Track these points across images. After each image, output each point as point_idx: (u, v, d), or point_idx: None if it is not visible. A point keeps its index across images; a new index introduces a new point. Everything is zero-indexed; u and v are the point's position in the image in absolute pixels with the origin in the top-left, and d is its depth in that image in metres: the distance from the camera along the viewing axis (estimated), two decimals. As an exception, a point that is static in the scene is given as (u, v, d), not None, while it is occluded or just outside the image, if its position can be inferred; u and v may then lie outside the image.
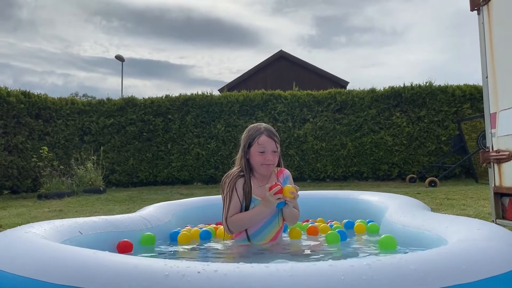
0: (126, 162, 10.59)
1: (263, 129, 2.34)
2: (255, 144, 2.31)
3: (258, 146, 2.31)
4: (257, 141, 2.31)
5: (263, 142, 2.31)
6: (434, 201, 5.39)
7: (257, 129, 2.35)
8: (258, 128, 2.36)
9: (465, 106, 10.08)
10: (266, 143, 2.31)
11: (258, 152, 2.31)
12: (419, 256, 1.12)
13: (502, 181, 3.28)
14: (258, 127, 2.37)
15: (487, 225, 1.59)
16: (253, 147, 2.32)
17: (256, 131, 2.35)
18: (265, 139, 2.31)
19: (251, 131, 2.37)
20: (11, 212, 5.82)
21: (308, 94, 10.63)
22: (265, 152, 2.31)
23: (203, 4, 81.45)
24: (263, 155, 2.31)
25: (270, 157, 2.32)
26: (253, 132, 2.35)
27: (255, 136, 2.33)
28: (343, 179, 10.34)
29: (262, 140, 2.31)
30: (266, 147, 2.31)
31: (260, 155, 2.31)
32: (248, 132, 2.39)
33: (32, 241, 1.37)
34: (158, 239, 2.42)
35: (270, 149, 2.32)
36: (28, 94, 9.67)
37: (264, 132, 2.33)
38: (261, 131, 2.33)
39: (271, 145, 2.32)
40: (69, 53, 75.59)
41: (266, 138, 2.31)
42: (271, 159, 2.32)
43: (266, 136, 2.32)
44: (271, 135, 2.33)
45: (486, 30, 3.44)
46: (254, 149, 2.32)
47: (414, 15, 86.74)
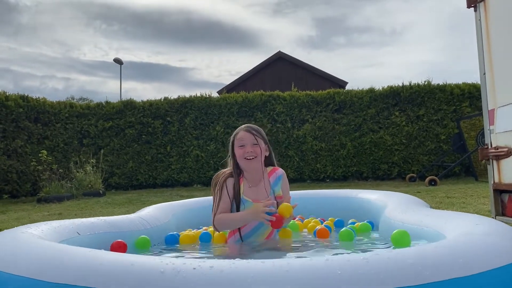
0: (126, 165, 10.58)
1: (243, 126, 2.45)
2: (236, 140, 2.41)
3: (237, 141, 2.39)
4: (236, 137, 2.41)
5: (241, 136, 2.39)
6: (434, 200, 5.39)
7: (239, 128, 2.47)
8: (240, 127, 2.48)
9: (464, 105, 10.08)
10: (244, 137, 2.39)
11: (238, 147, 2.38)
12: (416, 250, 1.11)
13: (501, 177, 3.27)
14: (240, 127, 2.48)
15: (486, 220, 1.58)
16: (235, 145, 2.41)
17: (238, 130, 2.46)
18: (242, 133, 2.40)
19: (234, 133, 2.48)
20: (11, 216, 5.82)
21: (307, 94, 10.63)
22: (244, 146, 2.37)
23: (203, 7, 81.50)
24: (243, 148, 2.37)
25: (249, 149, 2.36)
26: (235, 133, 2.46)
27: (235, 133, 2.44)
28: (343, 179, 10.33)
29: (240, 135, 2.40)
30: (245, 140, 2.38)
31: (240, 149, 2.38)
32: (232, 135, 2.48)
33: (28, 241, 1.37)
34: (156, 241, 2.41)
35: (249, 142, 2.38)
36: (27, 98, 9.66)
37: (243, 128, 2.43)
38: (241, 128, 2.44)
39: (249, 138, 2.38)
40: (69, 57, 75.64)
41: (243, 132, 2.40)
42: (250, 151, 2.36)
43: (244, 131, 2.41)
44: (249, 129, 2.42)
45: (483, 27, 3.44)
46: (235, 146, 2.41)
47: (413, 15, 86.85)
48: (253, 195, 2.37)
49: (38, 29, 78.60)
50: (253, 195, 2.37)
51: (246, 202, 2.34)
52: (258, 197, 2.37)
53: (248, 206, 2.33)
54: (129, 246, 2.11)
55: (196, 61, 79.32)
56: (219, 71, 75.32)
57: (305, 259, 1.05)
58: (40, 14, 77.46)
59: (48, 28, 78.76)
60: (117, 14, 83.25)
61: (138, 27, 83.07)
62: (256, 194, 2.38)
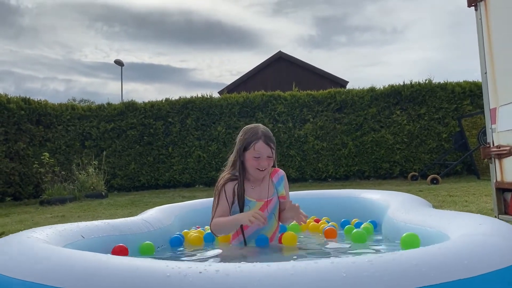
0: (128, 166, 10.60)
1: (260, 134, 2.30)
2: (251, 149, 2.28)
3: (254, 152, 2.28)
4: (253, 146, 2.27)
5: (259, 149, 2.27)
6: (437, 199, 5.38)
7: (254, 133, 2.31)
8: (255, 131, 2.31)
9: (465, 103, 10.07)
10: (263, 149, 2.28)
11: (253, 157, 2.29)
12: (421, 251, 1.12)
13: (504, 176, 3.27)
14: (255, 131, 2.32)
15: (489, 220, 1.59)
16: (248, 151, 2.30)
17: (253, 135, 2.30)
18: (261, 145, 2.27)
19: (248, 134, 2.32)
20: (14, 218, 5.83)
21: (308, 94, 10.63)
22: (260, 158, 2.28)
23: (204, 7, 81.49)
24: (258, 160, 2.28)
25: (264, 163, 2.29)
26: (249, 136, 2.31)
27: (251, 140, 2.29)
28: (345, 179, 10.33)
29: (258, 146, 2.27)
30: (262, 153, 2.28)
31: (255, 160, 2.29)
32: (245, 135, 2.34)
33: (34, 246, 1.38)
34: (160, 243, 2.42)
35: (265, 155, 2.29)
36: (28, 101, 9.68)
37: (262, 137, 2.28)
38: (259, 136, 2.28)
39: (267, 151, 2.29)
40: (70, 59, 75.79)
41: (263, 144, 2.28)
42: (265, 165, 2.30)
43: (263, 142, 2.28)
44: (268, 141, 2.29)
45: (484, 25, 3.44)
46: (249, 153, 2.29)
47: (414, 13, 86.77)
48: (256, 195, 2.36)
49: (39, 31, 78.81)
50: (256, 195, 2.36)
51: (250, 202, 2.33)
52: (261, 197, 2.37)
53: (253, 206, 2.33)
54: (134, 249, 2.12)
55: (197, 62, 79.43)
56: (220, 71, 75.40)
57: (310, 262, 1.06)
58: (41, 16, 77.69)
59: (49, 30, 78.99)
60: (118, 16, 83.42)
61: (139, 28, 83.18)
62: (259, 194, 2.37)
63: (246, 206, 2.32)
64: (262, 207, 2.36)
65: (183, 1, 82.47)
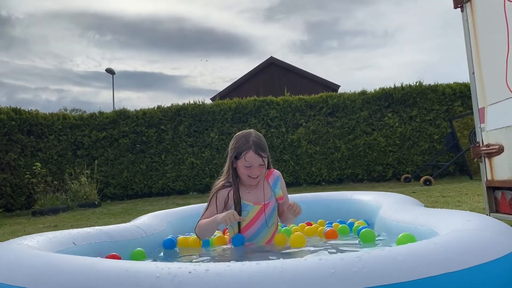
0: (120, 175, 10.55)
1: (251, 143, 2.28)
2: (242, 159, 2.28)
3: (245, 162, 2.28)
4: (244, 156, 2.27)
5: (250, 159, 2.27)
6: (430, 199, 5.41)
7: (245, 142, 2.29)
8: (246, 140, 2.30)
9: (456, 104, 10.17)
10: (253, 160, 2.27)
11: (244, 166, 2.30)
12: (408, 247, 1.13)
13: (494, 175, 3.30)
14: (246, 139, 2.30)
15: (478, 216, 1.60)
16: (239, 161, 2.30)
17: (244, 144, 2.29)
18: (252, 155, 2.27)
19: (239, 143, 2.32)
20: (6, 230, 5.78)
21: (300, 99, 10.67)
22: (251, 167, 2.29)
23: (196, 14, 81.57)
24: (249, 169, 2.29)
25: (256, 172, 2.30)
26: (240, 145, 2.30)
27: (242, 150, 2.28)
28: (339, 182, 10.36)
29: (249, 156, 2.27)
30: (253, 163, 2.28)
31: (246, 169, 2.30)
32: (236, 143, 2.33)
33: (24, 252, 1.37)
34: (153, 249, 2.42)
35: (256, 164, 2.29)
36: (19, 111, 9.63)
37: (252, 147, 2.27)
38: (249, 146, 2.27)
39: (257, 160, 2.29)
40: (62, 68, 75.47)
41: (253, 154, 2.27)
42: (257, 173, 2.31)
43: (253, 152, 2.27)
44: (258, 151, 2.28)
45: (470, 26, 3.49)
46: (240, 162, 2.30)
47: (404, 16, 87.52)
48: (253, 199, 2.36)
49: (30, 41, 78.42)
50: (253, 199, 2.36)
51: (247, 206, 2.33)
52: (258, 200, 2.37)
53: (251, 209, 2.33)
54: (126, 256, 2.11)
55: (190, 69, 79.42)
56: (213, 78, 75.48)
57: (299, 259, 1.06)
58: (32, 27, 77.34)
59: (40, 40, 78.62)
60: (109, 24, 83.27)
61: (131, 37, 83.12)
62: (256, 197, 2.37)
63: (244, 210, 2.33)
64: (260, 210, 2.36)
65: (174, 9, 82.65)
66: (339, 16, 77.94)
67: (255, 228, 2.35)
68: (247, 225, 2.35)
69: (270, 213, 2.39)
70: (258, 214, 2.35)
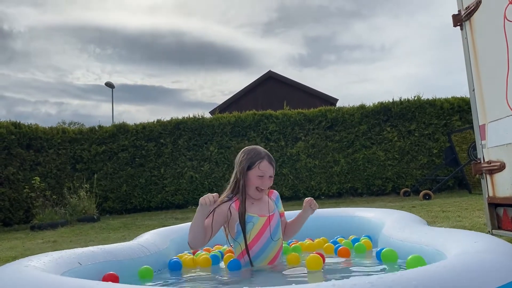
0: (119, 189, 10.52)
1: (263, 154, 2.39)
2: (256, 168, 2.35)
3: (259, 171, 2.35)
4: (258, 165, 2.35)
5: (264, 167, 2.36)
6: (430, 214, 5.41)
7: (257, 153, 2.39)
8: (259, 151, 2.40)
9: (454, 118, 10.22)
10: (267, 168, 2.36)
11: (257, 176, 2.35)
12: (419, 272, 1.13)
13: (495, 191, 3.31)
14: (258, 151, 2.40)
15: (484, 237, 1.61)
16: (252, 171, 2.36)
17: (257, 154, 2.38)
18: (266, 164, 2.36)
19: (251, 154, 2.39)
20: (4, 245, 5.74)
21: (299, 112, 10.72)
22: (263, 177, 2.36)
23: (195, 28, 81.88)
24: (262, 179, 2.36)
25: (267, 182, 2.38)
26: (253, 155, 2.38)
27: (256, 160, 2.36)
28: (338, 196, 10.35)
29: (263, 165, 2.36)
30: (266, 172, 2.36)
31: (258, 179, 2.35)
32: (248, 155, 2.40)
33: (33, 275, 1.37)
34: (156, 267, 2.40)
35: (268, 174, 2.37)
36: (19, 125, 9.63)
37: (265, 157, 2.38)
38: (262, 156, 2.37)
39: (270, 170, 2.38)
40: (62, 82, 75.42)
41: (267, 163, 2.37)
42: (267, 184, 2.39)
43: (267, 161, 2.37)
44: (271, 161, 2.39)
45: (470, 44, 3.53)
46: (253, 172, 2.35)
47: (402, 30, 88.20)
48: (257, 211, 2.38)
49: (31, 55, 78.43)
50: (257, 211, 2.38)
51: (252, 218, 2.35)
52: (263, 212, 2.39)
53: (256, 221, 2.34)
54: (131, 275, 2.11)
55: (190, 82, 79.52)
56: (212, 91, 75.64)
57: (312, 285, 1.06)
58: (33, 40, 77.52)
59: (41, 53, 78.65)
60: (110, 38, 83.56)
61: (131, 50, 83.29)
62: (260, 210, 2.40)
63: (249, 222, 2.34)
64: (265, 223, 2.37)
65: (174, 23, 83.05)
66: (337, 30, 78.57)
67: (262, 243, 2.34)
68: (253, 239, 2.33)
69: (275, 226, 2.40)
70: (263, 227, 2.35)
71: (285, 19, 77.40)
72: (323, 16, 75.55)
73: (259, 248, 2.34)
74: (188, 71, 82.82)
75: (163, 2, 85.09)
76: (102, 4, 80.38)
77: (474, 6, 3.37)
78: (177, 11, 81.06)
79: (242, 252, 2.35)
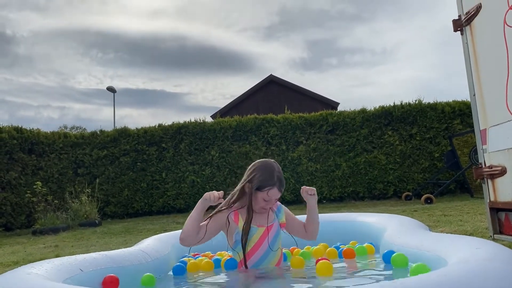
0: (121, 193, 10.53)
1: (275, 179, 2.33)
2: (264, 193, 2.33)
3: (266, 196, 2.34)
4: (267, 191, 2.33)
5: (272, 195, 2.35)
6: (431, 218, 5.40)
7: (270, 177, 2.33)
8: (271, 175, 2.34)
9: (456, 122, 10.22)
10: (275, 196, 2.36)
11: (263, 199, 2.35)
12: (419, 280, 1.13)
13: (497, 196, 3.31)
14: (271, 174, 2.34)
15: (485, 243, 1.61)
16: (261, 193, 2.34)
17: (269, 179, 2.32)
18: (275, 192, 2.35)
19: (263, 176, 2.34)
20: (6, 250, 5.74)
21: (300, 116, 10.73)
22: (269, 201, 2.38)
23: (197, 32, 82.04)
24: (267, 202, 2.38)
25: (271, 204, 2.42)
26: (265, 179, 2.33)
27: (267, 185, 2.32)
28: (340, 200, 10.34)
29: (272, 192, 2.34)
30: (273, 198, 2.37)
31: (264, 201, 2.36)
32: (261, 176, 2.34)
33: (35, 283, 1.37)
34: (158, 273, 2.40)
35: (274, 199, 2.39)
36: (21, 130, 9.66)
37: (277, 184, 2.33)
38: (274, 182, 2.32)
39: (277, 196, 2.38)
40: (64, 86, 75.61)
41: (276, 192, 2.35)
42: (271, 205, 2.43)
43: (277, 189, 2.35)
44: (281, 187, 2.36)
45: (470, 49, 3.54)
46: (261, 195, 2.34)
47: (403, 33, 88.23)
48: (256, 221, 2.39)
49: (34, 59, 78.63)
50: (256, 221, 2.39)
51: (251, 228, 2.36)
52: (261, 223, 2.40)
53: (255, 231, 2.36)
54: (132, 281, 2.11)
55: (191, 86, 79.69)
56: (214, 95, 75.80)
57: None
58: (36, 45, 77.75)
59: (44, 58, 78.89)
60: (112, 42, 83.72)
61: (133, 54, 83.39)
62: (259, 220, 2.41)
63: (254, 233, 2.37)
64: (264, 233, 2.37)
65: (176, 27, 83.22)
66: (339, 34, 78.68)
67: (261, 253, 2.35)
68: (251, 249, 2.35)
69: (273, 236, 2.41)
70: (262, 237, 2.36)
71: (286, 23, 77.67)
72: (324, 20, 75.71)
73: (258, 258, 2.34)
74: (189, 74, 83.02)
75: (165, 6, 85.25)
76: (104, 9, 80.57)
77: (474, 11, 3.38)
78: (179, 16, 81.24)
79: (240, 262, 2.37)
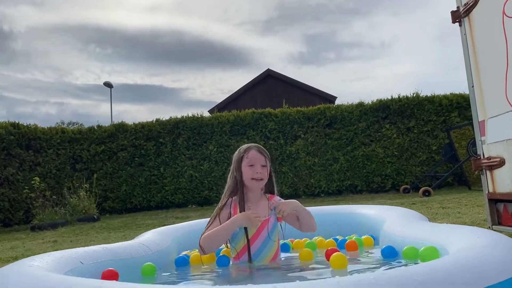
0: (119, 189, 10.52)
1: (253, 146, 2.47)
2: (245, 158, 2.41)
3: (248, 160, 2.39)
4: (246, 155, 2.41)
5: (253, 156, 2.40)
6: (430, 211, 5.42)
7: (247, 146, 2.48)
8: (248, 146, 2.49)
9: (453, 115, 10.23)
10: (256, 156, 2.41)
11: (248, 166, 2.39)
12: (423, 267, 1.13)
13: (496, 187, 3.32)
14: (248, 145, 2.49)
15: (486, 232, 1.61)
16: (243, 162, 2.41)
17: (246, 147, 2.47)
18: (254, 153, 2.42)
19: (241, 150, 2.49)
20: (5, 245, 5.74)
21: (298, 111, 10.72)
22: (254, 166, 2.38)
23: (195, 27, 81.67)
24: (253, 168, 2.38)
25: (259, 170, 2.39)
26: (243, 150, 2.46)
27: (244, 151, 2.44)
28: (338, 194, 10.36)
29: (251, 154, 2.41)
30: (255, 160, 2.39)
31: (249, 168, 2.38)
32: (238, 151, 2.50)
33: (37, 275, 1.37)
34: (159, 266, 2.40)
35: (259, 163, 2.40)
36: (18, 125, 9.62)
37: (254, 147, 2.45)
38: (251, 147, 2.45)
39: (260, 159, 2.41)
40: (62, 82, 75.29)
41: (255, 152, 2.42)
42: (260, 173, 2.39)
43: (255, 150, 2.43)
44: (260, 150, 2.45)
45: (468, 41, 3.53)
46: (244, 163, 2.40)
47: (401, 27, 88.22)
48: (256, 211, 2.39)
49: (31, 55, 78.26)
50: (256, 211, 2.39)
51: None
52: (259, 215, 2.39)
53: (249, 227, 2.35)
54: (133, 273, 2.11)
55: (189, 81, 79.48)
56: (212, 89, 75.66)
57: (317, 281, 1.07)
58: (33, 40, 77.31)
59: (41, 53, 78.49)
60: (110, 38, 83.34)
61: (131, 50, 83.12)
62: (258, 211, 2.40)
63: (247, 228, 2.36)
64: (263, 223, 2.38)
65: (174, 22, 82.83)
66: (337, 28, 78.57)
67: (260, 242, 2.35)
68: (251, 239, 2.35)
69: (272, 227, 2.41)
70: (260, 227, 2.37)
71: (284, 17, 77.47)
72: (322, 14, 75.64)
73: (258, 247, 2.35)
74: (187, 69, 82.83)
75: (163, 1, 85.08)
76: (102, 4, 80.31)
77: (473, 3, 3.37)
78: (176, 10, 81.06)
79: (238, 254, 2.37)
